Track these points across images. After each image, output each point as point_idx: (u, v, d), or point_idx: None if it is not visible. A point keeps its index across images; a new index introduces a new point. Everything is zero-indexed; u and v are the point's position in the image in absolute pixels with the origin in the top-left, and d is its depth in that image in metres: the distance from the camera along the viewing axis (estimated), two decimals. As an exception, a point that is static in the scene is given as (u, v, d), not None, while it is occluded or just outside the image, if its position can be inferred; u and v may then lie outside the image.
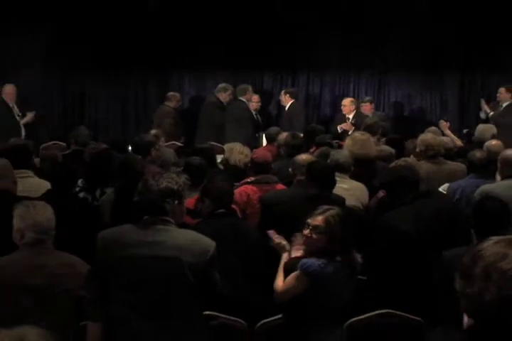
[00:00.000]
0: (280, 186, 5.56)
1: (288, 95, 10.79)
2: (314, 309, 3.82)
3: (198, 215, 4.80)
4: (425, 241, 4.28)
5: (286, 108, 10.77)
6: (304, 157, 5.52)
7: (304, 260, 3.86)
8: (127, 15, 11.41)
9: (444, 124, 9.73)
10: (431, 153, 6.22)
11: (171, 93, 10.98)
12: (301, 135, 7.65)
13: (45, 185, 5.30)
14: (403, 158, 6.19)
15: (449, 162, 6.35)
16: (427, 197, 4.73)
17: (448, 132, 9.10)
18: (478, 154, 5.82)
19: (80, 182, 5.60)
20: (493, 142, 6.46)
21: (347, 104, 10.54)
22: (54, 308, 3.57)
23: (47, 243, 3.66)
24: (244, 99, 10.37)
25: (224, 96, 10.52)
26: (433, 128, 8.38)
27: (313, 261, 3.82)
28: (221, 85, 10.71)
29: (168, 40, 11.58)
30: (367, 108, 10.71)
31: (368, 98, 11.20)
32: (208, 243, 3.57)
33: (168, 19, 11.45)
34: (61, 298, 3.59)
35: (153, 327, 3.45)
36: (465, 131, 9.32)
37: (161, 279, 3.48)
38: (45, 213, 3.67)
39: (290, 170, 5.52)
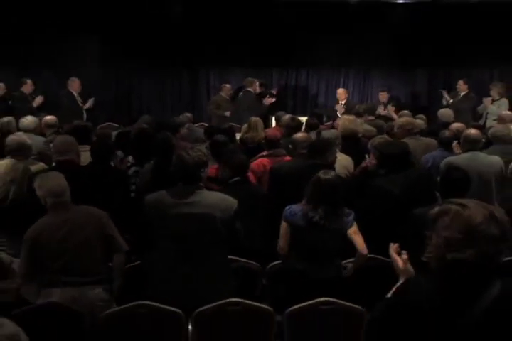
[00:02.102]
0: (288, 158, 5.45)
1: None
2: (301, 249, 3.80)
3: (218, 182, 4.74)
4: (409, 201, 4.17)
5: None
6: (300, 135, 5.47)
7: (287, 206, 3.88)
8: (165, 24, 11.37)
9: (391, 108, 9.66)
10: (415, 131, 6.23)
11: (224, 84, 10.81)
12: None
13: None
14: (380, 136, 6.18)
15: (423, 138, 6.32)
16: (411, 166, 4.72)
17: (394, 114, 9.06)
18: (446, 133, 5.89)
19: (130, 158, 5.52)
20: (459, 124, 6.43)
21: (341, 92, 10.59)
22: (85, 256, 3.52)
23: (66, 203, 3.59)
24: (251, 90, 10.13)
25: (254, 88, 10.21)
26: (405, 111, 8.26)
27: (292, 208, 3.83)
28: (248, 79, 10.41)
29: (196, 44, 11.55)
30: (383, 96, 10.59)
31: (383, 91, 10.82)
32: (232, 201, 3.59)
33: (197, 28, 11.41)
34: (89, 243, 3.54)
35: (190, 268, 3.47)
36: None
37: (197, 231, 3.49)
38: (56, 180, 3.60)
39: (290, 146, 5.46)
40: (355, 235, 3.81)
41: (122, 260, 3.66)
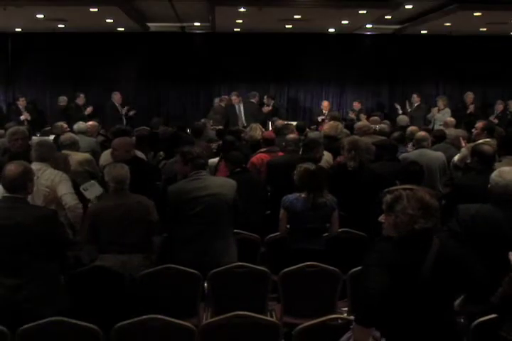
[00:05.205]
0: (281, 153, 5.39)
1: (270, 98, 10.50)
2: (297, 227, 3.74)
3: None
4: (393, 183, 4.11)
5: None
6: (291, 136, 5.42)
7: (284, 197, 3.77)
8: (187, 51, 11.44)
9: (363, 116, 9.66)
10: (370, 131, 6.22)
11: (223, 96, 10.71)
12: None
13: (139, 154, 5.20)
14: (352, 136, 6.07)
15: (376, 136, 6.18)
16: (396, 158, 4.88)
17: (365, 120, 8.89)
18: (396, 134, 5.96)
19: (161, 153, 5.47)
20: (414, 127, 6.45)
21: (325, 104, 10.51)
22: (133, 233, 3.45)
23: (124, 189, 3.50)
24: (254, 101, 10.06)
25: (256, 100, 10.13)
26: (375, 117, 8.26)
27: (288, 198, 3.72)
28: (252, 93, 10.31)
29: (210, 66, 11.56)
30: (356, 105, 10.50)
31: (357, 101, 10.81)
32: (233, 182, 3.62)
33: (211, 54, 11.45)
34: (137, 224, 3.47)
35: (208, 238, 3.46)
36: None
37: (213, 208, 3.47)
38: (120, 170, 3.51)
39: (283, 143, 5.40)
40: (335, 220, 3.77)
41: (159, 240, 3.60)
